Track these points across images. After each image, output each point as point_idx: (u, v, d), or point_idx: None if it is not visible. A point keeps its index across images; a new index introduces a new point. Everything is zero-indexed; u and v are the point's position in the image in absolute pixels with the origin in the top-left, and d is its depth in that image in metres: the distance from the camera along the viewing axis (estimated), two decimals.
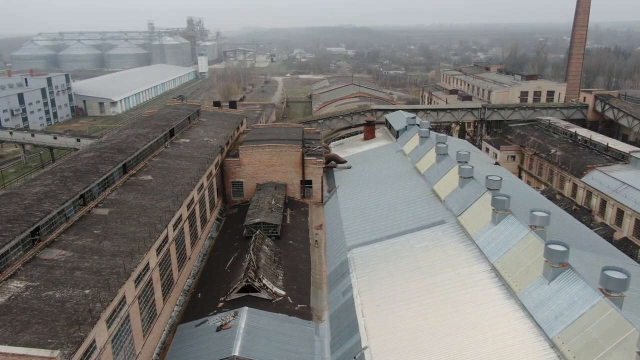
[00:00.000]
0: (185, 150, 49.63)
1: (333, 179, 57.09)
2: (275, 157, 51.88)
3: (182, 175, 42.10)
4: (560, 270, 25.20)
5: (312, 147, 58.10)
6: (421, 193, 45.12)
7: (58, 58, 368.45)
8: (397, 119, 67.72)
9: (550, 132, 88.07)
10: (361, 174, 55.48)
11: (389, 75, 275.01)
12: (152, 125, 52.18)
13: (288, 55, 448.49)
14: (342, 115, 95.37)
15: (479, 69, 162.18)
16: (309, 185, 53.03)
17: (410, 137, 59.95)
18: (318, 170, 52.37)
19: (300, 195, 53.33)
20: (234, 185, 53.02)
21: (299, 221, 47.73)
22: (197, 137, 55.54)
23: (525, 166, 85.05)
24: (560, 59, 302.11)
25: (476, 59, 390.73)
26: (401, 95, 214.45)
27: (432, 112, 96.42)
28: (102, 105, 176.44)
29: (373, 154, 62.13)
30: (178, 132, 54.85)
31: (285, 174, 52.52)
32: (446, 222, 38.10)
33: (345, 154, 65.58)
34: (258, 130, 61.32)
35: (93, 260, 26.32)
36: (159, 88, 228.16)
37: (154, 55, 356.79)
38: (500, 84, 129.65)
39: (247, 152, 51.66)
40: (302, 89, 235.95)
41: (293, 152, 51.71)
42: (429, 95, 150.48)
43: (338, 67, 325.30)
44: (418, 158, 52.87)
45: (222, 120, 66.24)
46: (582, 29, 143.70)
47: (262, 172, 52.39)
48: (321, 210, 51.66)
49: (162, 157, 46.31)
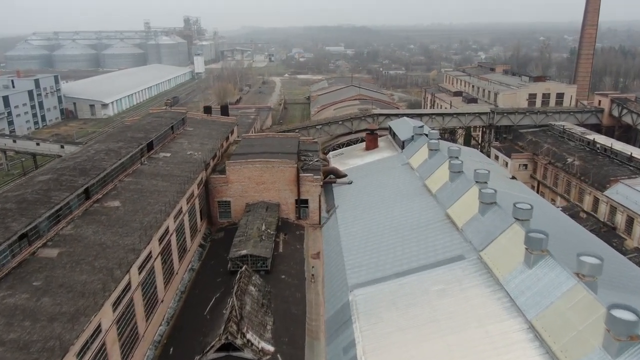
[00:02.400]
0: (165, 167, 43.68)
1: (332, 196, 51.18)
2: (266, 174, 45.95)
3: (157, 200, 36.18)
4: (629, 345, 19.33)
5: (308, 160, 52.24)
6: (433, 217, 39.22)
7: (52, 58, 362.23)
8: (402, 127, 61.80)
9: (564, 138, 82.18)
10: (364, 191, 49.57)
11: (389, 76, 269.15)
12: (128, 138, 46.23)
13: (286, 55, 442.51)
14: (342, 120, 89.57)
15: (483, 69, 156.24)
16: (305, 205, 47.14)
17: (417, 149, 54.03)
18: (315, 188, 46.46)
19: (295, 216, 47.43)
20: (221, 205, 47.10)
21: (294, 249, 41.82)
22: (179, 150, 49.60)
23: (539, 176, 79.17)
24: (563, 59, 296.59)
25: (477, 58, 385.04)
26: (402, 96, 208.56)
27: (438, 116, 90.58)
28: (93, 108, 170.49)
29: (376, 166, 56.22)
30: (158, 145, 48.91)
31: (278, 192, 46.62)
32: (466, 257, 32.20)
33: (345, 165, 59.68)
34: (249, 140, 55.39)
35: (22, 330, 20.39)
36: (153, 89, 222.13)
37: (150, 55, 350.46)
38: (507, 86, 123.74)
39: (235, 168, 45.74)
40: (301, 90, 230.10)
41: (287, 168, 45.80)
42: (431, 97, 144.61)
43: (337, 67, 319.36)
44: (428, 174, 46.95)
45: (210, 129, 60.31)
46: (591, 28, 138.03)
47: (252, 191, 46.48)
48: (319, 233, 45.75)
49: (136, 177, 40.37)
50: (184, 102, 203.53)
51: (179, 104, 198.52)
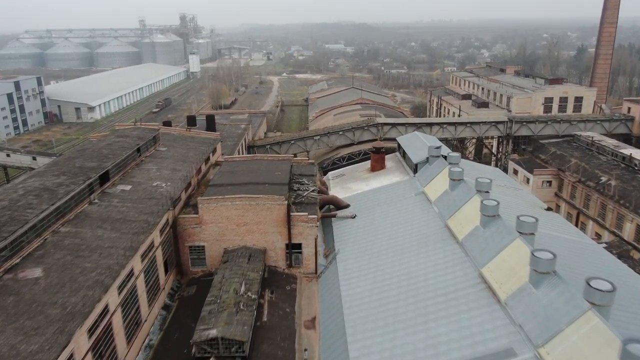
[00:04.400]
0: (119, 208, 34.44)
1: (331, 235, 41.99)
2: (249, 213, 36.73)
3: (97, 264, 26.98)
4: None
5: (303, 190, 43.02)
6: (464, 280, 30.04)
7: (45, 57, 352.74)
8: (414, 145, 52.52)
9: (593, 152, 72.95)
10: (370, 230, 40.37)
11: (390, 75, 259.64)
12: (75, 168, 36.98)
13: (285, 53, 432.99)
14: (342, 130, 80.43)
15: (493, 70, 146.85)
16: (298, 251, 37.93)
17: (434, 175, 44.80)
18: (310, 230, 37.23)
19: (285, 263, 38.22)
20: (193, 251, 37.87)
21: (282, 314, 32.63)
22: (144, 181, 40.35)
23: (565, 195, 69.97)
24: (570, 57, 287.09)
25: (480, 56, 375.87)
26: (405, 97, 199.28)
27: (449, 126, 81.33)
28: (78, 111, 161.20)
29: (385, 195, 46.98)
30: (117, 175, 39.67)
31: (264, 235, 37.40)
32: (518, 354, 23.03)
33: (347, 191, 50.49)
34: (232, 165, 46.10)
35: None
36: (144, 90, 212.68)
37: (145, 54, 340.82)
38: (520, 89, 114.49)
39: (210, 206, 36.49)
40: (299, 91, 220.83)
41: (275, 206, 36.57)
42: (438, 100, 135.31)
43: (337, 66, 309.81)
44: (450, 211, 37.72)
45: (188, 148, 51.06)
46: (610, 26, 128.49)
47: (231, 234, 37.25)
48: (315, 288, 36.56)
49: (77, 224, 31.15)
50: (176, 104, 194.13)
51: (171, 106, 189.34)
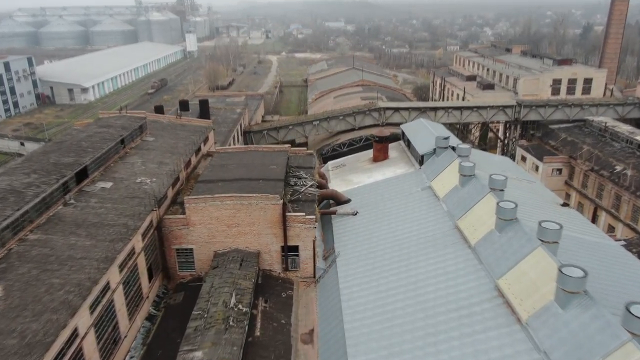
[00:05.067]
0: (97, 209, 31.24)
1: (331, 234, 38.92)
2: (241, 214, 33.54)
3: (67, 277, 23.91)
4: None
5: (300, 185, 39.80)
6: (478, 292, 27.00)
7: (39, 35, 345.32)
8: (420, 134, 49.04)
9: (607, 138, 69.43)
10: (373, 229, 37.25)
11: (392, 55, 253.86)
12: (49, 165, 33.68)
13: (284, 31, 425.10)
14: (343, 115, 76.81)
15: (498, 50, 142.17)
16: (295, 253, 34.88)
17: (442, 168, 41.50)
18: (308, 231, 34.09)
19: (281, 267, 35.21)
20: (180, 254, 34.82)
21: (277, 326, 29.71)
22: (127, 176, 37.07)
23: (576, 183, 66.74)
24: (576, 36, 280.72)
25: (483, 34, 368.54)
26: (407, 77, 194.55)
27: (455, 110, 77.64)
28: (71, 92, 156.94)
29: (388, 188, 43.73)
30: (97, 170, 36.38)
31: (257, 237, 34.29)
32: None
33: (348, 184, 47.27)
34: (223, 157, 42.74)
35: None
36: (140, 70, 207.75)
37: (141, 32, 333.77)
38: (527, 70, 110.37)
39: (198, 206, 33.29)
40: (298, 70, 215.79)
41: (269, 206, 33.36)
42: (441, 82, 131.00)
43: (337, 45, 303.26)
44: (461, 211, 34.53)
45: (177, 138, 47.64)
46: (622, 4, 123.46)
47: (221, 235, 34.14)
48: (313, 294, 33.61)
49: (47, 230, 28.01)
50: (172, 85, 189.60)
51: (167, 87, 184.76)
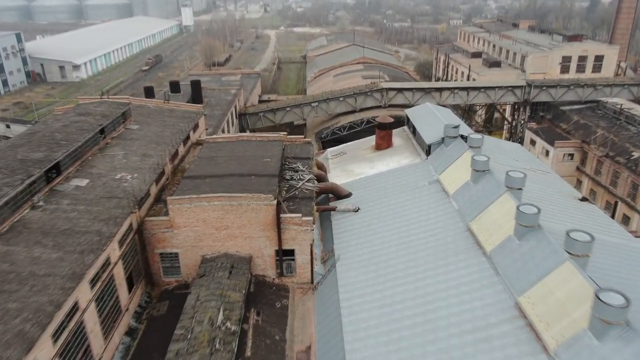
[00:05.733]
0: (69, 213, 27.91)
1: (330, 232, 35.74)
2: (231, 215, 30.26)
3: (27, 300, 20.75)
4: None
5: (297, 179, 36.46)
6: (496, 310, 23.90)
7: (31, 10, 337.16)
8: (426, 120, 45.38)
9: (622, 121, 65.75)
10: (376, 229, 34.04)
11: (393, 29, 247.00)
12: (14, 162, 30.17)
13: (283, 5, 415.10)
14: (343, 96, 72.92)
15: (504, 25, 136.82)
16: (291, 257, 31.74)
17: (451, 160, 38.05)
18: (305, 234, 30.87)
19: (275, 272, 32.11)
20: (165, 259, 31.67)
21: (269, 344, 26.74)
22: (106, 171, 33.65)
23: (589, 170, 63.35)
24: (583, 9, 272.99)
25: (487, 8, 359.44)
26: (409, 53, 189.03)
27: (461, 91, 73.69)
28: (63, 70, 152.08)
29: (393, 181, 40.36)
30: (72, 166, 32.95)
31: (248, 240, 31.08)
32: None
33: (348, 175, 43.90)
34: (213, 148, 39.23)
35: None
36: (134, 46, 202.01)
37: (136, 6, 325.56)
38: (535, 46, 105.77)
39: (182, 207, 29.97)
40: (297, 46, 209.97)
41: (261, 207, 30.05)
42: (445, 58, 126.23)
43: (337, 19, 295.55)
44: (473, 211, 31.22)
45: (164, 125, 44.01)
46: None
47: (209, 239, 30.93)
48: (310, 303, 30.58)
49: (8, 240, 24.71)
50: (168, 61, 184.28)
51: (162, 63, 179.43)
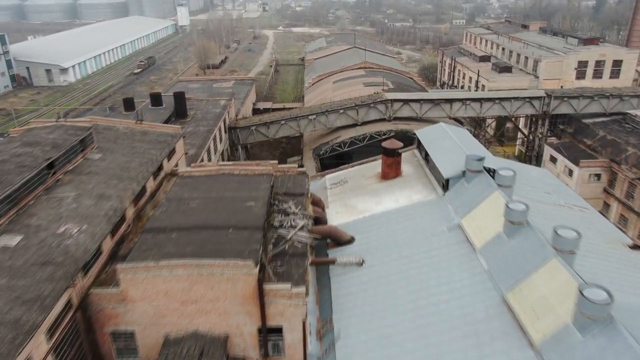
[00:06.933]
0: None
1: (329, 291, 29.04)
2: (200, 287, 23.54)
3: None
4: None
5: (287, 225, 29.73)
6: None
7: (24, 9, 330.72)
8: (441, 147, 38.55)
9: None
10: (386, 292, 27.34)
11: (395, 29, 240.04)
12: None
13: (282, 3, 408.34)
14: (344, 108, 66.14)
15: (513, 26, 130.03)
16: (278, 335, 25.02)
17: (476, 202, 31.27)
18: (295, 309, 24.13)
19: (258, 353, 25.36)
20: (118, 339, 24.94)
21: None
22: (47, 222, 26.86)
23: (619, 193, 56.60)
24: (589, 9, 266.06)
25: (490, 7, 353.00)
26: (412, 55, 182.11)
27: (474, 102, 66.88)
28: (49, 73, 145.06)
29: (404, 223, 33.64)
30: (3, 217, 26.19)
31: (223, 316, 24.35)
32: None
33: (350, 212, 37.17)
34: (188, 184, 32.41)
35: None
36: (127, 47, 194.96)
37: (131, 6, 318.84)
38: (549, 50, 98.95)
39: (137, 277, 23.22)
40: (296, 47, 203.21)
41: (239, 277, 23.31)
42: (451, 62, 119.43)
43: (337, 19, 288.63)
44: (511, 279, 24.50)
45: (133, 153, 37.24)
46: None
47: (173, 315, 24.20)
48: None
49: None
50: (161, 63, 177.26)
51: (155, 66, 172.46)
